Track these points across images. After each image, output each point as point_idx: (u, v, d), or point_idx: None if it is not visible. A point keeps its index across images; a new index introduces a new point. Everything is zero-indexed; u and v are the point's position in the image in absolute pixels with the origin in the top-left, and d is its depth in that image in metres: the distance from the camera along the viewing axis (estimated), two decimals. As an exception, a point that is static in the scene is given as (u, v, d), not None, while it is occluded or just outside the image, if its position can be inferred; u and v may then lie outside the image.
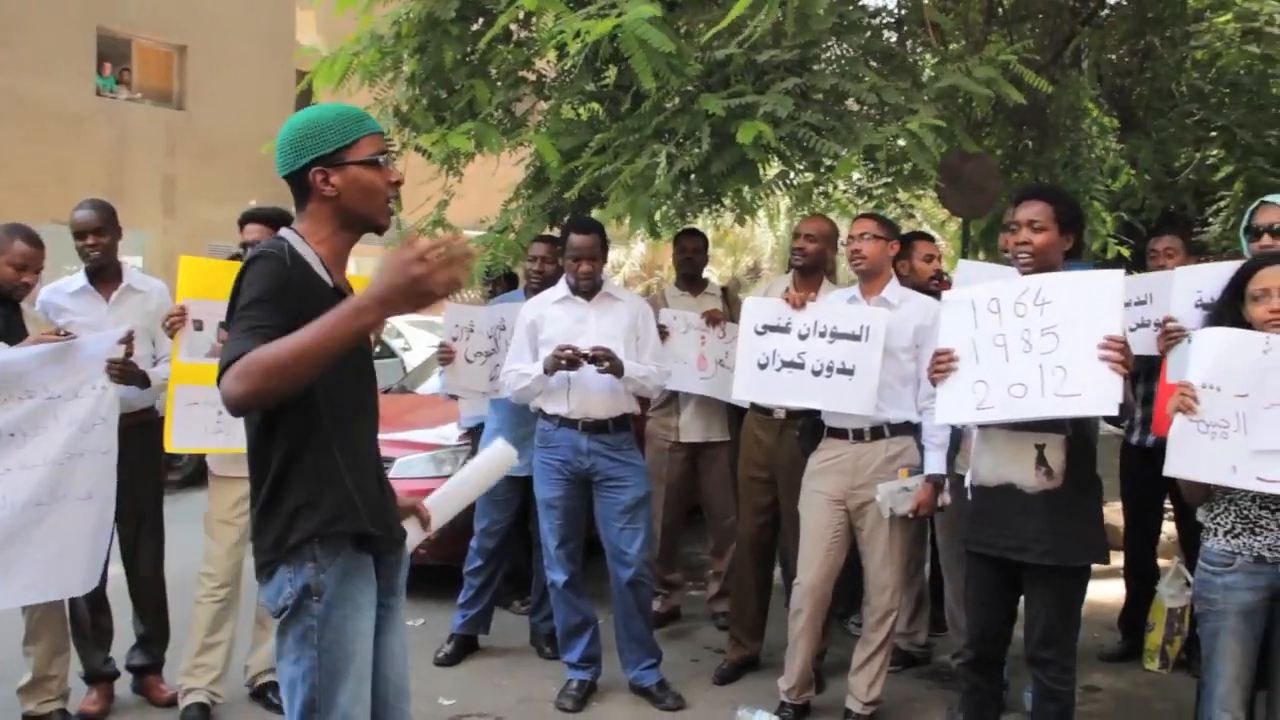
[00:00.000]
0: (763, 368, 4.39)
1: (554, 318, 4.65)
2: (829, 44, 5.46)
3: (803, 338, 4.33)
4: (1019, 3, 7.29)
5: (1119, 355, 3.22)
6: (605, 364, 4.45)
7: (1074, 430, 3.46)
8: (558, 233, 5.46)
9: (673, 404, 5.64)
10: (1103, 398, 3.26)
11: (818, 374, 4.28)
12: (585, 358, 4.43)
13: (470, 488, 3.12)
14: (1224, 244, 9.11)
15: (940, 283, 5.13)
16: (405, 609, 2.75)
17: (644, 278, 21.61)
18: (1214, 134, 7.97)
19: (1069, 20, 7.25)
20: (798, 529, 4.56)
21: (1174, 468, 3.18)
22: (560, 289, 4.73)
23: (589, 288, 4.65)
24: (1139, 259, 5.78)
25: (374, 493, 2.52)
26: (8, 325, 4.11)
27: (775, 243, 20.68)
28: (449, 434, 6.27)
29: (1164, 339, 4.08)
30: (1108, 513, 5.42)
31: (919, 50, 6.16)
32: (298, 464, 2.38)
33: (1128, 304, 4.69)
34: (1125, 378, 3.26)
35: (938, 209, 11.11)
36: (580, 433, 4.60)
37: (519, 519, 5.37)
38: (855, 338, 4.23)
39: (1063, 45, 7.24)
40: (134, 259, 14.52)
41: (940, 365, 3.62)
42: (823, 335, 4.29)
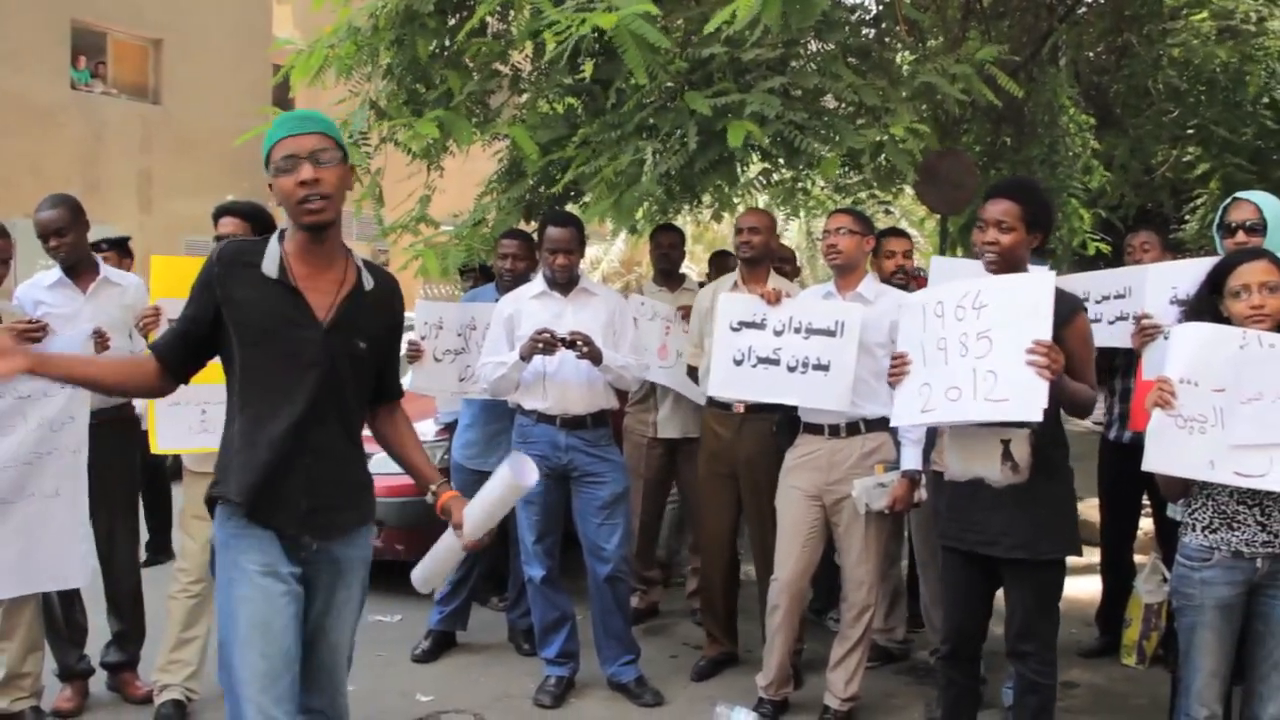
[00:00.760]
0: (738, 364, 4.37)
1: (531, 312, 4.62)
2: (807, 41, 5.46)
3: (778, 334, 4.32)
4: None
5: (1045, 360, 3.22)
6: (584, 348, 4.43)
7: (1039, 424, 3.45)
8: (529, 227, 5.44)
9: (650, 400, 5.63)
10: (1028, 403, 3.26)
11: (793, 370, 4.27)
12: (563, 342, 4.41)
13: (490, 504, 3.09)
14: (1201, 241, 9.16)
15: (911, 279, 5.15)
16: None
17: (622, 274, 21.60)
18: (1190, 131, 8.02)
19: (1047, 17, 7.28)
20: (763, 523, 4.57)
21: (1152, 463, 3.19)
22: (538, 283, 4.70)
23: (566, 280, 4.63)
24: (1118, 255, 5.80)
25: (264, 473, 2.67)
26: (-24, 317, 4.06)
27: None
28: (425, 430, 6.23)
29: (1140, 336, 4.09)
30: (1084, 509, 5.45)
31: (896, 46, 6.17)
32: (224, 433, 2.76)
33: (1106, 297, 4.73)
34: (1053, 382, 3.24)
35: (916, 205, 11.16)
36: (558, 428, 4.58)
37: (496, 515, 5.35)
38: (831, 333, 4.22)
39: (1040, 42, 7.26)
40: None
41: (895, 369, 3.69)
42: (798, 331, 4.28)
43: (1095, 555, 5.53)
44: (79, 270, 4.43)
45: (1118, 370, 4.97)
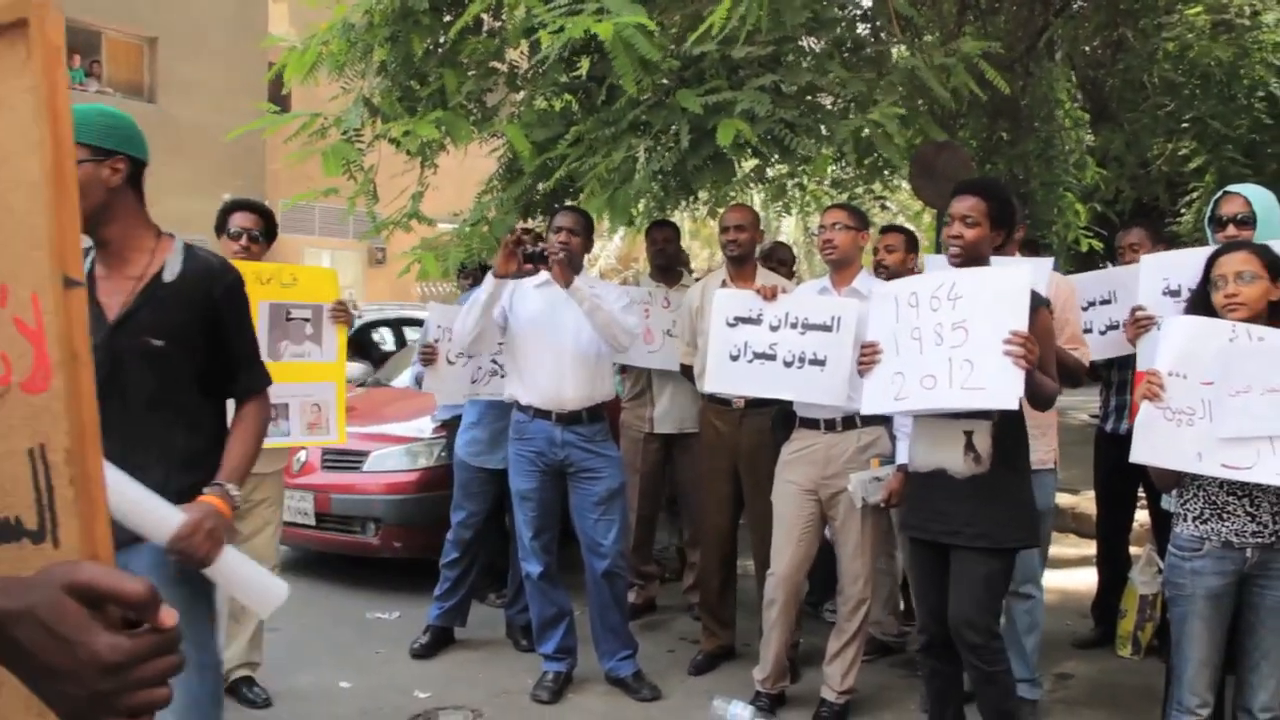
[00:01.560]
0: (734, 359, 4.39)
1: (530, 299, 4.63)
2: (801, 39, 5.46)
3: (774, 329, 4.34)
4: (992, -6, 7.33)
5: (1021, 350, 3.31)
6: (561, 254, 4.40)
7: (1001, 416, 3.52)
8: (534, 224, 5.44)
9: (647, 395, 5.64)
10: (1004, 392, 3.35)
11: (789, 365, 4.29)
12: (538, 253, 4.37)
13: (239, 579, 2.63)
14: (1196, 235, 9.16)
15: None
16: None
17: (620, 270, 21.60)
18: (1185, 125, 8.02)
19: (1042, 11, 7.28)
20: (762, 518, 4.59)
21: (1140, 454, 3.22)
22: (543, 274, 4.69)
23: (564, 260, 4.57)
24: (1111, 251, 5.82)
25: None
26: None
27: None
28: (424, 427, 6.26)
29: (1134, 328, 4.11)
30: (1080, 500, 5.48)
31: (890, 42, 6.17)
32: None
33: (1093, 303, 4.77)
34: (1029, 371, 3.33)
35: (913, 200, 11.17)
36: (554, 424, 4.59)
37: (495, 511, 5.37)
38: (826, 328, 4.24)
39: (1036, 37, 7.27)
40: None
41: (865, 358, 3.77)
42: (794, 326, 4.30)
43: (1091, 547, 5.56)
44: None
45: (1114, 363, 4.99)
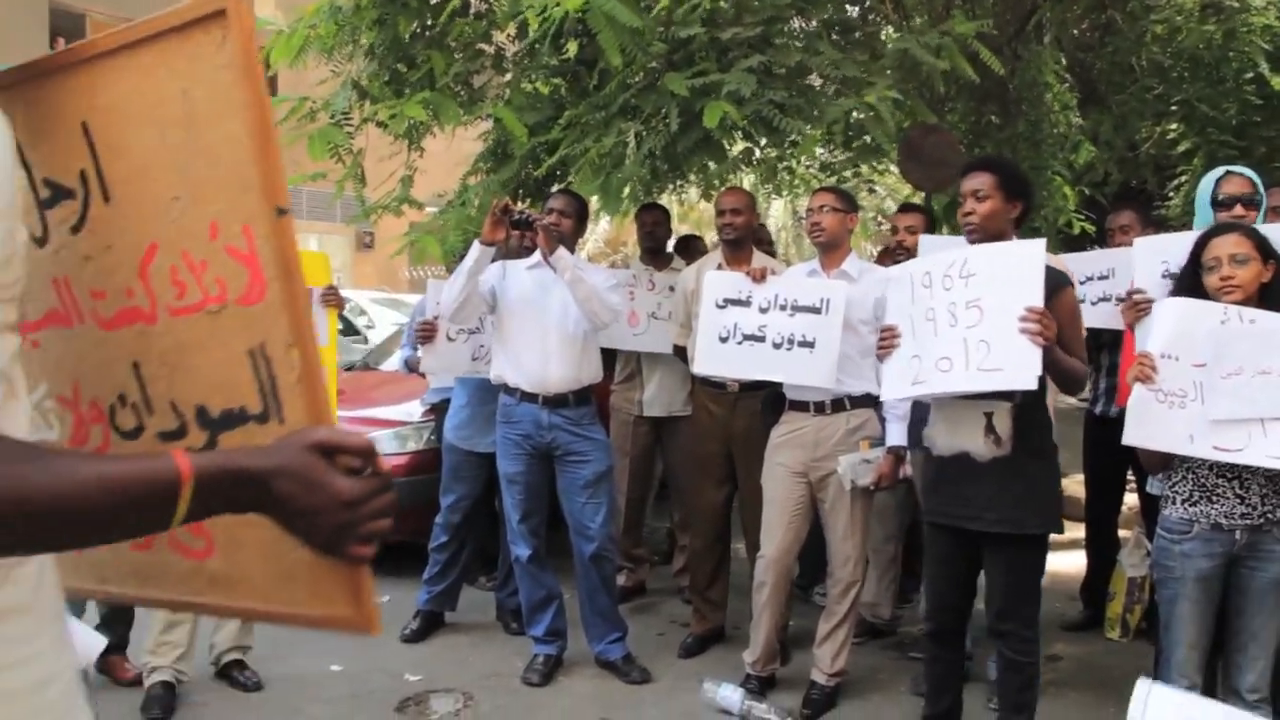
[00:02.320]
0: (724, 341, 4.38)
1: (521, 280, 4.62)
2: (790, 19, 5.44)
3: (763, 311, 4.33)
4: (981, -24, 7.29)
5: (1038, 327, 3.24)
6: (553, 229, 4.41)
7: (1022, 398, 3.46)
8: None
9: (636, 378, 5.64)
10: (1022, 371, 3.27)
11: (779, 347, 4.28)
12: (526, 219, 4.39)
13: None
14: (1185, 219, 9.16)
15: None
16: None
17: (608, 254, 21.55)
18: (1174, 108, 8.01)
19: (1030, -6, 7.26)
20: (755, 501, 4.59)
21: (1132, 437, 3.22)
22: (535, 256, 4.67)
23: (555, 239, 4.51)
24: (1102, 234, 5.81)
25: None
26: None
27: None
28: (413, 410, 6.24)
29: (1132, 310, 4.09)
30: (1069, 484, 5.49)
31: (880, 23, 6.16)
32: None
33: (1090, 278, 4.74)
34: (1046, 349, 3.27)
35: (901, 184, 11.15)
36: (541, 407, 4.59)
37: (485, 495, 5.36)
38: (816, 310, 4.23)
39: (1024, 20, 7.25)
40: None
41: (884, 342, 3.70)
42: (783, 308, 4.29)
43: (1080, 530, 5.57)
44: None
45: (1104, 346, 4.99)
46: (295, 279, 1.37)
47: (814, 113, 4.92)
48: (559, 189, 4.98)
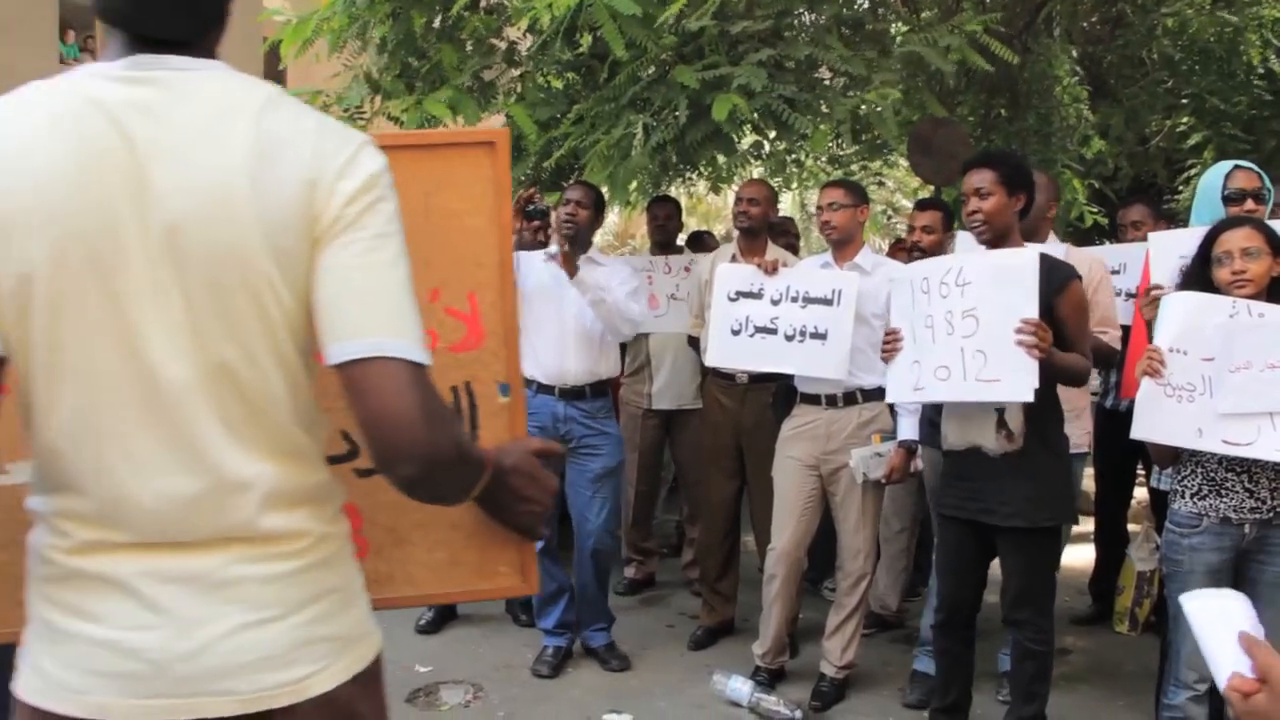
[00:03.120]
0: (736, 334, 4.39)
1: (537, 270, 4.62)
2: (800, 12, 5.44)
3: (775, 303, 4.33)
4: (991, -31, 7.27)
5: (1034, 340, 3.28)
6: (569, 227, 4.45)
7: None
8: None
9: (645, 371, 5.64)
10: (1019, 383, 3.32)
11: (790, 339, 4.29)
12: (546, 208, 4.46)
13: None
14: (1195, 214, 9.11)
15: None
16: None
17: (616, 246, 21.56)
18: (1184, 101, 8.00)
19: (1041, -13, 7.25)
20: (765, 494, 4.59)
21: (1141, 431, 3.23)
22: (553, 247, 4.68)
23: (571, 234, 4.53)
24: (1114, 228, 5.81)
25: None
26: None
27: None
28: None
29: (1152, 306, 4.05)
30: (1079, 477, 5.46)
31: (889, 18, 6.15)
32: None
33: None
34: (1049, 354, 3.31)
35: (910, 177, 11.14)
36: (557, 399, 4.60)
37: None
38: (828, 302, 4.24)
39: (1034, 13, 7.24)
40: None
41: (888, 345, 3.76)
42: (795, 300, 4.30)
43: (1089, 524, 5.58)
44: None
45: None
46: (514, 333, 1.85)
47: (823, 108, 4.92)
48: (576, 180, 4.97)
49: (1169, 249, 3.96)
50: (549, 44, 4.93)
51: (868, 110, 4.82)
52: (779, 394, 4.60)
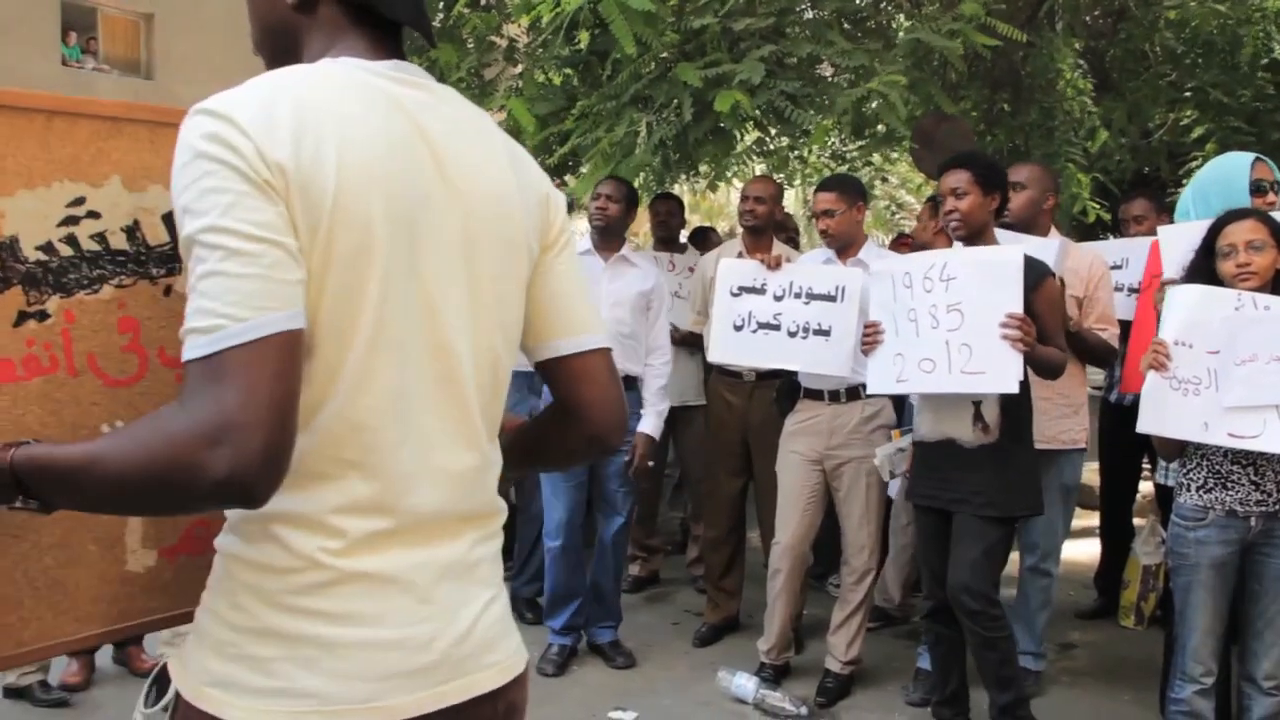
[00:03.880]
0: (739, 329, 4.38)
1: None
2: (803, 8, 5.44)
3: (778, 299, 4.33)
4: (993, -38, 7.25)
5: (1019, 333, 3.36)
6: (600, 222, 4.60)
7: None
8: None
9: (649, 369, 5.63)
10: (1004, 376, 3.41)
11: (794, 335, 4.28)
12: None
13: None
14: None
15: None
16: None
17: (620, 244, 21.56)
18: (1188, 94, 7.98)
19: (1043, -20, 7.22)
20: (771, 491, 4.59)
21: (1147, 424, 3.22)
22: (584, 242, 4.69)
23: (602, 227, 4.59)
24: (1117, 221, 5.79)
25: None
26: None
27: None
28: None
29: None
30: (1085, 472, 5.47)
31: (892, 11, 6.14)
32: None
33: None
34: (1025, 353, 3.40)
35: (914, 172, 11.12)
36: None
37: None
38: (831, 298, 4.23)
39: (1036, 6, 7.22)
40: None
41: (868, 338, 3.81)
42: (798, 296, 4.29)
43: (1094, 518, 5.57)
44: None
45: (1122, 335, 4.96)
46: None
47: (825, 102, 4.91)
48: (607, 175, 4.95)
49: (1181, 244, 3.94)
50: (550, 41, 4.92)
51: (875, 99, 4.80)
52: (782, 390, 4.60)
